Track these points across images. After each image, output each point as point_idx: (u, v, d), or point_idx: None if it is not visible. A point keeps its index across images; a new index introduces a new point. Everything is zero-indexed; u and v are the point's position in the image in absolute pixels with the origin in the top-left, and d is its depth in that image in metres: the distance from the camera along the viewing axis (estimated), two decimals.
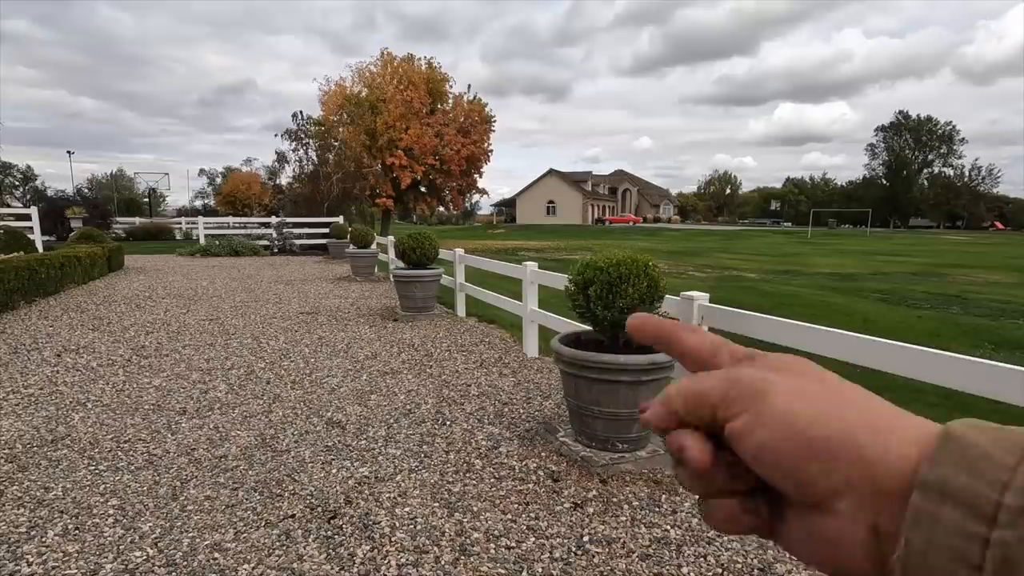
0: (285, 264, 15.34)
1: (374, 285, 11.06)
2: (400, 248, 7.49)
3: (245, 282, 11.30)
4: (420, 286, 7.38)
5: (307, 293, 9.80)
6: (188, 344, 5.86)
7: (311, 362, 5.17)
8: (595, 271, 3.01)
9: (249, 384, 4.47)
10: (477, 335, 6.54)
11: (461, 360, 5.38)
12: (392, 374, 4.83)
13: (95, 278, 11.37)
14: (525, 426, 3.63)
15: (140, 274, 12.58)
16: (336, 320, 7.28)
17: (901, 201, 76.38)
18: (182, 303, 8.60)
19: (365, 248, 11.99)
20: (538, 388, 4.52)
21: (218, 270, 13.53)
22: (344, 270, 13.72)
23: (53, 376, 4.67)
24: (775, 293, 12.65)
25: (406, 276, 7.36)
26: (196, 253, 17.65)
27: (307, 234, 19.77)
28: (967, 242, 41.55)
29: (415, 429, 3.54)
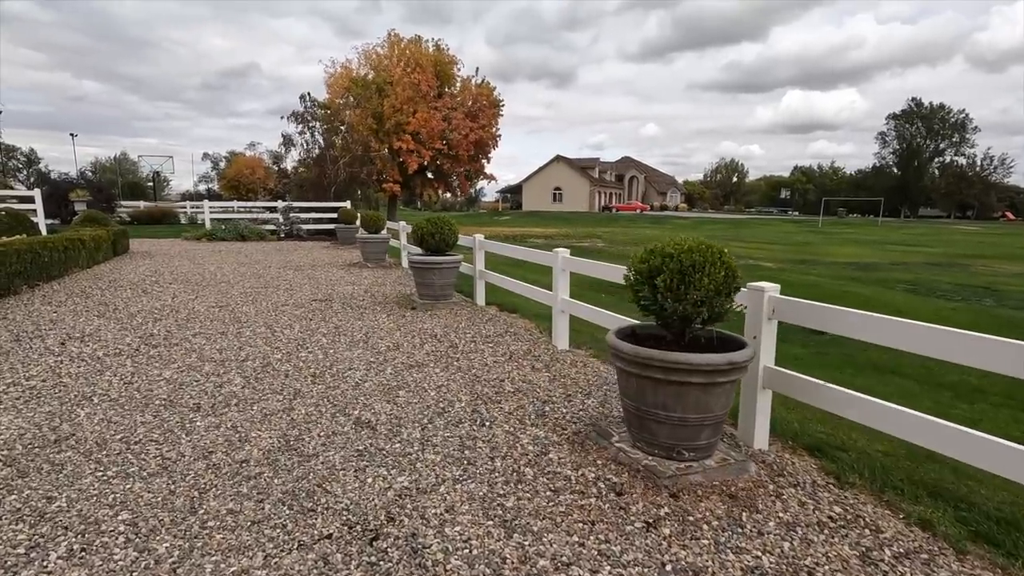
0: (293, 249, 15.01)
1: (386, 271, 10.73)
2: (418, 233, 7.15)
3: (253, 267, 10.99)
4: (439, 273, 7.04)
5: (318, 279, 9.48)
6: (199, 332, 5.55)
7: (330, 353, 4.86)
8: (663, 258, 2.66)
9: (266, 377, 4.16)
10: (500, 325, 6.21)
11: (488, 352, 5.06)
12: (418, 367, 4.51)
13: (100, 262, 11.08)
14: (572, 428, 3.31)
15: (146, 258, 12.27)
16: (351, 308, 6.96)
17: (912, 190, 75.41)
18: (190, 289, 8.29)
19: (376, 234, 11.65)
20: (576, 384, 4.19)
21: (225, 255, 13.21)
22: (354, 256, 13.39)
23: (56, 367, 4.37)
24: (796, 283, 12.27)
25: (424, 263, 7.02)
26: (202, 237, 17.33)
27: (314, 219, 19.41)
28: (979, 232, 40.90)
29: (452, 431, 3.22)
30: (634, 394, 2.79)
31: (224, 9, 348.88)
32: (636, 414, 2.83)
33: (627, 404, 2.89)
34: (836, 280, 12.98)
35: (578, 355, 5.08)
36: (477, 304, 7.40)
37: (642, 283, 2.74)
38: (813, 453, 3.14)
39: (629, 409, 2.88)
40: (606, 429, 3.18)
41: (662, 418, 2.71)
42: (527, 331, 6.00)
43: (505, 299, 7.60)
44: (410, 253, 8.43)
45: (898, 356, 6.03)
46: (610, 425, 3.26)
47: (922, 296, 11.33)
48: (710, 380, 2.59)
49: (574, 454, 2.94)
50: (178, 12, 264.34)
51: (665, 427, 2.72)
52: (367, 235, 11.54)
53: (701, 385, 2.60)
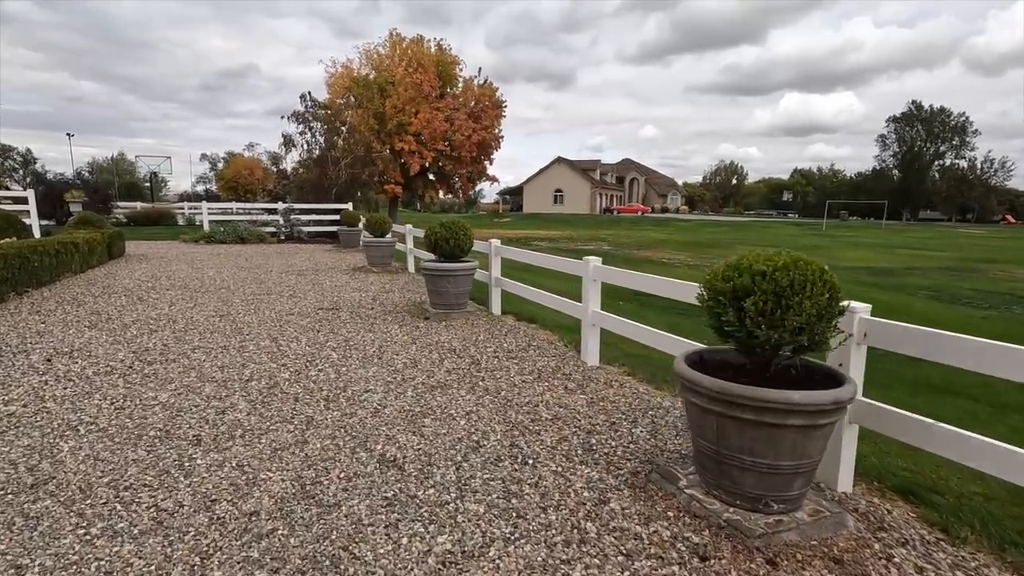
0: (294, 252, 14.58)
1: (393, 277, 10.31)
2: (431, 239, 6.73)
3: (254, 272, 10.55)
4: (454, 281, 6.62)
5: (322, 285, 9.05)
6: (198, 347, 5.12)
7: (343, 372, 4.43)
8: (754, 277, 2.24)
9: (274, 401, 3.73)
10: (521, 337, 5.79)
11: (515, 370, 4.64)
12: (441, 389, 4.09)
13: (94, 266, 10.63)
14: (629, 467, 2.89)
15: (142, 262, 11.83)
16: (360, 318, 6.54)
17: (914, 193, 75.24)
18: (188, 295, 7.85)
19: (382, 237, 11.22)
20: (617, 409, 3.78)
21: (224, 258, 12.78)
22: (357, 260, 12.96)
23: (40, 388, 3.93)
24: None
25: (438, 270, 6.60)
26: (200, 239, 16.89)
27: (315, 221, 18.98)
28: (983, 236, 40.62)
29: (492, 471, 2.81)
30: (712, 435, 2.38)
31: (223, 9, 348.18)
32: (713, 457, 2.41)
33: (702, 445, 2.48)
34: (855, 286, 12.58)
35: (611, 373, 4.67)
36: (493, 313, 6.98)
37: (723, 305, 2.33)
38: (907, 498, 2.73)
39: (704, 451, 2.47)
40: (670, 470, 2.76)
41: (747, 464, 2.29)
42: (551, 344, 5.58)
43: (522, 308, 7.19)
44: (422, 259, 8.02)
45: (949, 373, 5.64)
46: (672, 464, 2.85)
47: (946, 304, 10.95)
48: (811, 422, 2.18)
49: (638, 503, 2.53)
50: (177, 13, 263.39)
51: (751, 475, 2.31)
52: (373, 238, 11.12)
53: (800, 428, 2.19)
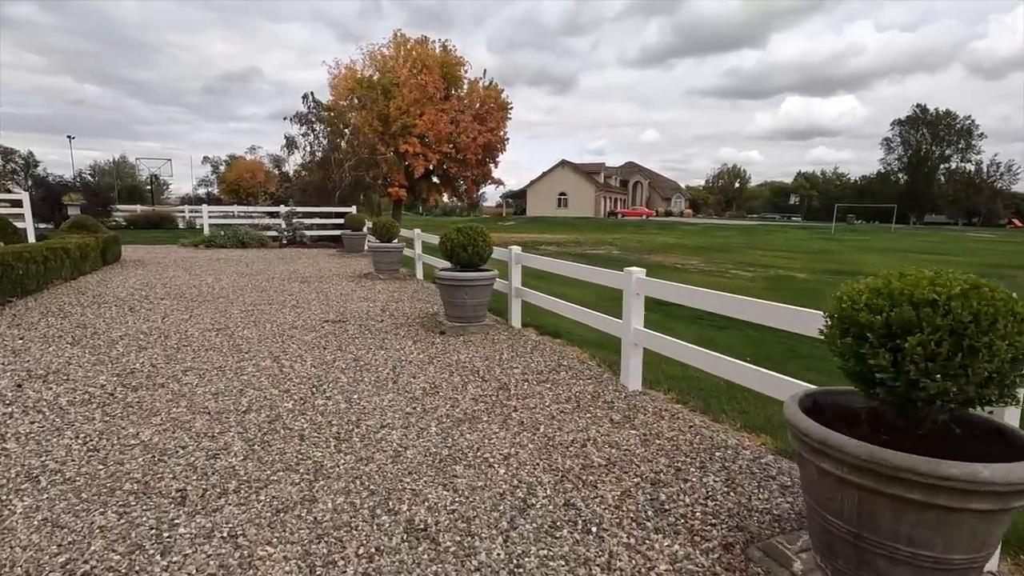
0: (297, 257, 14.04)
1: (401, 284, 9.75)
2: (447, 246, 6.17)
3: (255, 279, 10.01)
4: (472, 291, 6.06)
5: (327, 294, 8.50)
6: (190, 368, 4.57)
7: (354, 400, 3.87)
8: (918, 307, 1.68)
9: (275, 441, 3.17)
10: (549, 355, 5.23)
11: (549, 396, 4.08)
12: (469, 422, 3.53)
13: (86, 272, 10.10)
14: (717, 536, 2.32)
15: (138, 267, 11.29)
16: (370, 332, 5.98)
17: (922, 197, 74.59)
18: (184, 305, 7.31)
19: (389, 242, 10.68)
20: (678, 449, 3.21)
21: (224, 264, 12.24)
22: (363, 265, 12.42)
23: (3, 423, 3.38)
24: None
25: (455, 280, 6.04)
26: (200, 244, 16.37)
27: (318, 224, 18.46)
28: (993, 240, 40.01)
29: (550, 545, 2.24)
30: (851, 514, 1.81)
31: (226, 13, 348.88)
32: (850, 542, 1.85)
33: (831, 523, 1.91)
34: None
35: (657, 400, 4.11)
36: (513, 326, 6.42)
37: (869, 344, 1.76)
38: None
39: (834, 531, 1.90)
40: (775, 546, 2.19)
41: (903, 556, 1.73)
42: (583, 364, 5.02)
43: (543, 320, 6.63)
44: (436, 268, 7.49)
45: None
46: (774, 536, 2.28)
47: None
48: (1002, 505, 1.61)
49: None
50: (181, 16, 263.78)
51: (907, 569, 1.74)
52: (380, 244, 10.57)
53: (984, 512, 1.62)
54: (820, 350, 6.67)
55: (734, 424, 3.68)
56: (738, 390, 4.11)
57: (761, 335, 7.17)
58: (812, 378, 5.49)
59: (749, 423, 3.68)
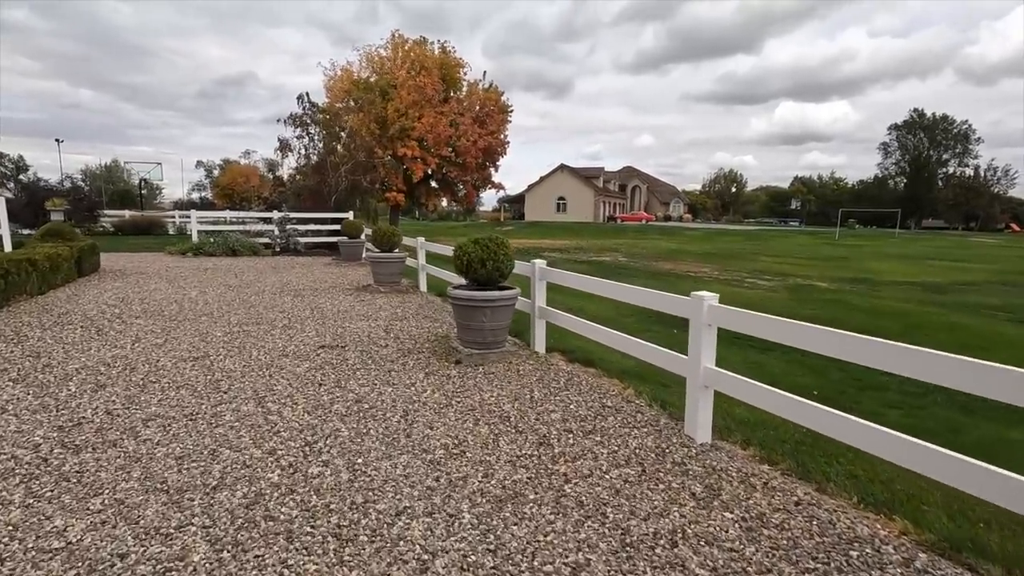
0: (290, 266, 13.16)
1: (404, 298, 8.90)
2: (463, 260, 5.33)
3: (243, 292, 9.13)
4: (492, 313, 5.22)
5: (323, 310, 7.64)
6: (154, 416, 3.70)
7: (358, 467, 3.01)
8: None
9: (252, 543, 2.30)
10: (587, 392, 4.39)
11: (604, 456, 3.24)
12: (512, 502, 2.68)
13: (58, 285, 9.20)
14: None
15: (116, 279, 10.39)
16: (374, 361, 5.12)
17: (923, 201, 74.33)
18: (160, 326, 6.43)
19: (390, 252, 9.82)
20: (799, 547, 2.38)
21: (212, 274, 11.35)
22: (361, 276, 11.56)
23: None
24: (875, 310, 10.52)
25: (472, 300, 5.20)
26: (188, 252, 15.47)
27: (313, 231, 17.60)
28: (997, 244, 39.54)
29: None
30: None
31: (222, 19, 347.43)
32: None
33: None
34: (918, 306, 11.25)
35: (736, 457, 3.28)
36: (537, 352, 5.59)
37: None
38: None
39: None
40: None
41: None
42: (629, 403, 4.18)
43: (570, 343, 5.80)
44: (450, 286, 6.68)
45: None
46: None
47: None
48: None
49: None
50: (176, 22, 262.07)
51: None
52: (380, 254, 9.72)
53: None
54: (892, 380, 5.83)
55: (849, 498, 2.85)
56: (824, 437, 3.28)
57: (814, 359, 6.36)
58: (908, 424, 4.49)
59: (868, 496, 2.85)
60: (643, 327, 7.83)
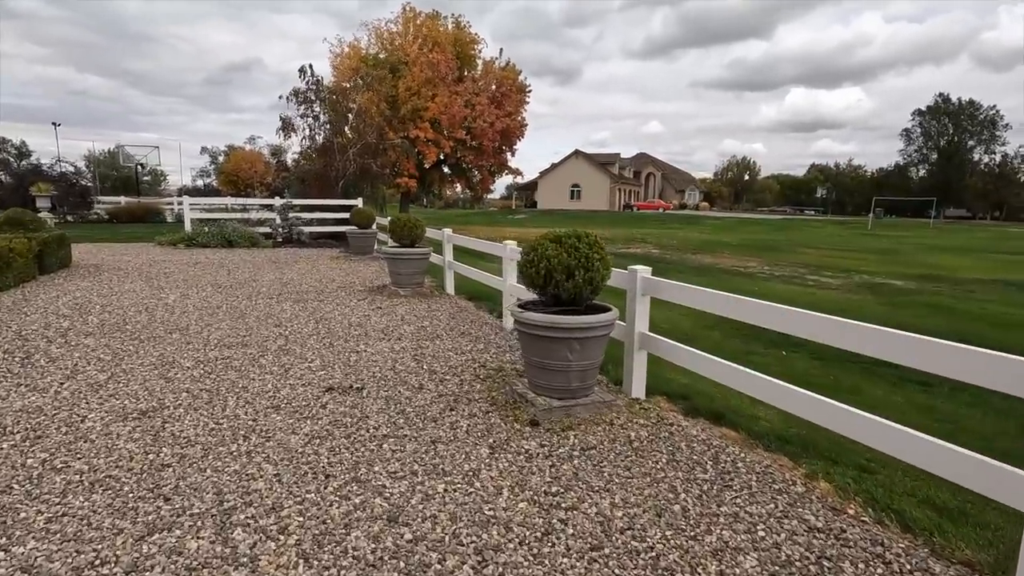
0: (292, 261, 11.48)
1: (429, 305, 7.20)
2: (540, 267, 3.57)
3: (234, 295, 7.46)
4: (582, 348, 3.49)
5: (331, 323, 5.96)
6: (16, 571, 2.02)
7: None
8: None
9: None
10: (762, 491, 2.68)
11: None
12: None
13: (9, 286, 7.56)
14: None
15: (86, 277, 8.75)
16: (407, 420, 3.42)
17: (955, 189, 71.59)
18: (114, 350, 4.76)
19: (411, 247, 8.10)
20: None
21: (201, 270, 9.69)
22: (373, 272, 9.87)
23: None
24: (998, 321, 8.57)
25: (554, 328, 3.45)
26: (179, 243, 13.83)
27: (319, 219, 15.91)
28: None
29: None
30: None
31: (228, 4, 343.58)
32: None
33: None
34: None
35: None
36: (636, 398, 3.87)
37: None
38: None
39: None
40: None
41: None
42: (855, 526, 2.47)
43: (662, 371, 4.10)
44: (513, 304, 5.00)
45: None
46: None
47: None
48: None
49: None
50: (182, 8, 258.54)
51: None
52: (400, 249, 7.98)
53: None
54: None
55: None
56: None
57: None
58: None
59: None
60: (740, 346, 6.10)
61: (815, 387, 2.88)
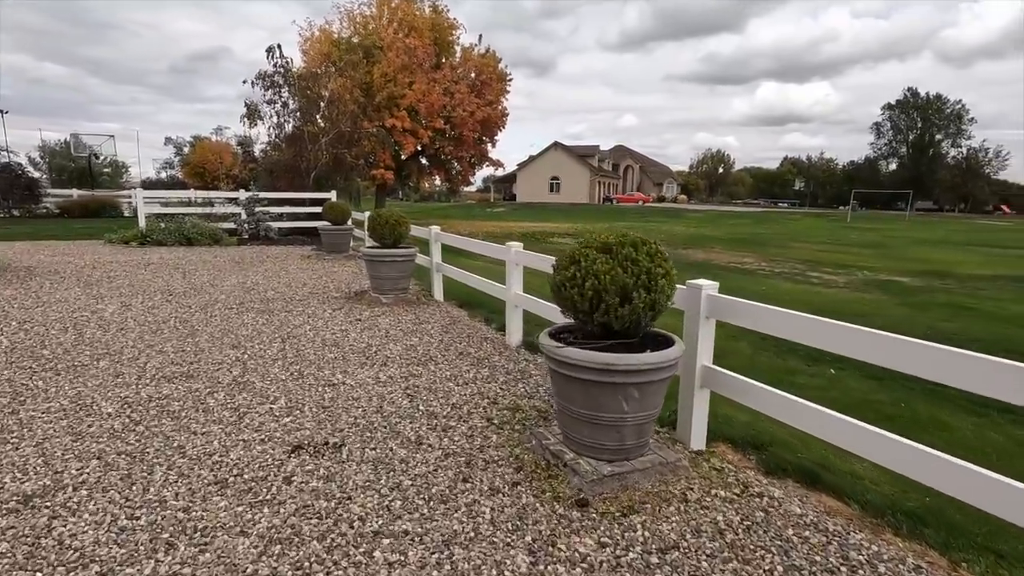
0: (259, 260, 10.31)
1: (417, 314, 6.21)
2: (588, 287, 2.62)
3: (185, 305, 6.34)
4: (641, 395, 2.57)
5: (301, 343, 4.93)
6: None
7: None
8: None
9: None
10: None
11: None
12: None
13: None
14: None
15: (9, 284, 7.50)
16: (401, 493, 2.46)
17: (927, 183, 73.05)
18: (13, 389, 3.67)
19: (394, 247, 7.08)
20: None
21: (152, 274, 8.49)
22: (350, 274, 8.81)
23: None
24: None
25: (607, 371, 2.53)
26: (131, 241, 12.50)
27: (289, 214, 14.69)
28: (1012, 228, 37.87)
29: None
30: None
31: None
32: None
33: None
34: None
35: None
36: (697, 451, 2.99)
37: None
38: None
39: None
40: None
41: None
42: None
43: (721, 409, 3.23)
44: (544, 339, 4.02)
45: None
46: None
47: None
48: None
49: None
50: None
51: None
52: (382, 250, 6.95)
53: None
54: None
55: None
56: None
57: None
58: None
59: None
60: (776, 361, 5.29)
61: (889, 419, 2.07)
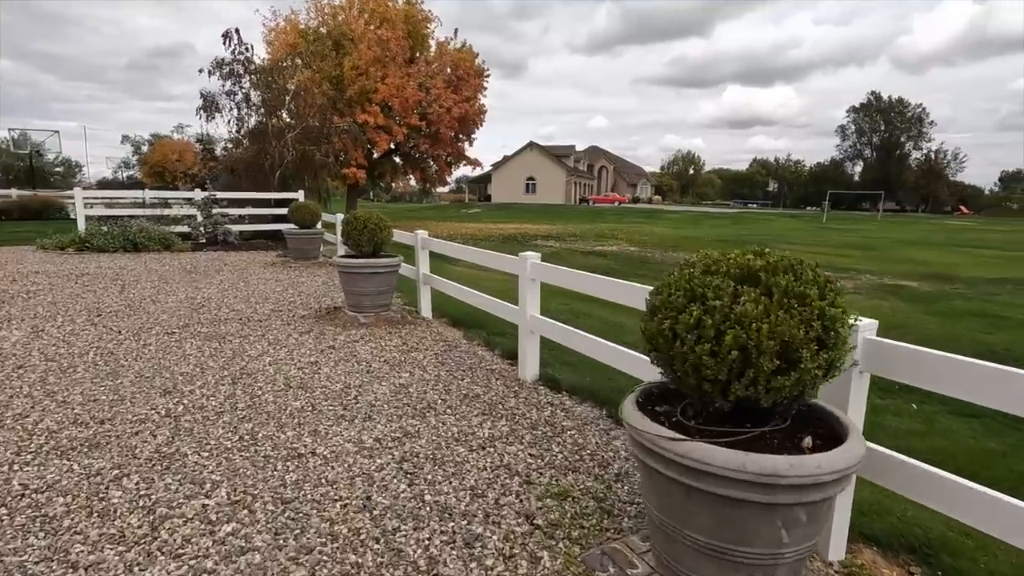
0: (215, 270, 9.00)
1: (404, 338, 5.10)
2: (707, 334, 1.62)
3: (113, 329, 5.09)
4: (812, 516, 1.57)
5: (257, 387, 3.77)
6: None
7: None
8: None
9: None
10: None
11: None
12: None
13: None
14: None
15: None
16: None
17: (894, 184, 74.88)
18: None
19: (374, 256, 5.94)
20: None
21: (83, 287, 7.13)
22: (320, 285, 7.62)
23: None
24: None
25: (762, 482, 1.52)
26: (68, 246, 11.01)
27: (251, 216, 13.34)
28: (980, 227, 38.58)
29: None
30: None
31: None
32: None
33: None
34: None
35: None
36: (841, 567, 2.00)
37: None
38: None
39: None
40: None
41: None
42: None
43: (863, 501, 2.26)
44: (628, 418, 2.82)
45: None
46: None
47: None
48: None
49: None
50: None
51: None
52: (360, 260, 5.79)
53: None
54: None
55: None
56: None
57: None
58: None
59: None
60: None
61: None
